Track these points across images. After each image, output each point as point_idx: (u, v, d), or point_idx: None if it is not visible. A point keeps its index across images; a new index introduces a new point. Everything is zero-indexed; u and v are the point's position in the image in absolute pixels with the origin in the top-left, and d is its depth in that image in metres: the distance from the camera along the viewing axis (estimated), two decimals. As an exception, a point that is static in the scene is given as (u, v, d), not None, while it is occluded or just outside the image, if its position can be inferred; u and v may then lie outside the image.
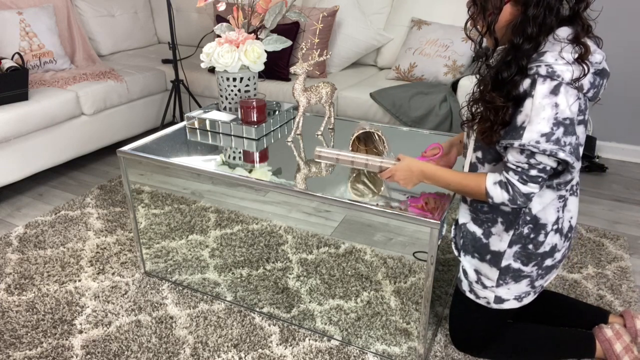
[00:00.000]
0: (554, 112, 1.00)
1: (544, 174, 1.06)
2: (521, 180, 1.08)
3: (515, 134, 1.04)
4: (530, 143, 1.01)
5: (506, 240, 1.20)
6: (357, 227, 1.34)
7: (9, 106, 2.21)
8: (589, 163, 2.58)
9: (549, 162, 1.05)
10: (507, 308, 1.28)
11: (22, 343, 1.50)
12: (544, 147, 1.01)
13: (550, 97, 1.00)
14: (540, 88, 1.00)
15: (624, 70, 2.63)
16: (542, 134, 1.00)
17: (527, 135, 1.02)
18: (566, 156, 1.01)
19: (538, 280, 1.26)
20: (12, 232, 2.07)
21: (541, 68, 1.00)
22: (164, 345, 1.49)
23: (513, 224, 1.18)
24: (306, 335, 1.52)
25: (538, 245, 1.19)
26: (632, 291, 1.70)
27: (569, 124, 1.00)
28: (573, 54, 1.00)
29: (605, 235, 2.03)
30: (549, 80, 1.00)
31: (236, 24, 1.77)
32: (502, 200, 1.11)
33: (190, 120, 1.79)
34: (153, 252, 1.74)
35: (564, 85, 0.99)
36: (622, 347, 1.31)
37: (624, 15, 2.54)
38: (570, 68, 1.00)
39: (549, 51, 1.02)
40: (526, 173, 1.07)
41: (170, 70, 2.98)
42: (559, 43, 1.02)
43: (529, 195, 1.09)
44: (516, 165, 1.07)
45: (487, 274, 1.25)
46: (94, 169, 2.69)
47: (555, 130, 1.00)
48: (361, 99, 2.47)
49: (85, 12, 3.17)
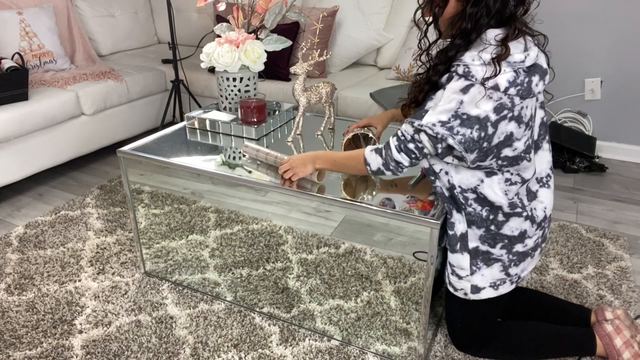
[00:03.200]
0: (457, 106, 1.08)
1: (418, 152, 1.17)
2: (398, 148, 1.19)
3: (418, 115, 1.14)
4: (427, 125, 1.10)
5: (462, 220, 1.23)
6: (357, 227, 1.34)
7: (9, 106, 2.21)
8: (589, 163, 2.58)
9: (428, 145, 1.14)
10: (485, 298, 1.28)
11: (22, 343, 1.50)
12: (437, 131, 1.09)
13: (458, 93, 1.08)
14: (453, 84, 1.09)
15: (624, 71, 2.63)
16: (440, 120, 1.09)
17: (427, 118, 1.11)
18: (455, 143, 1.09)
19: (512, 268, 1.26)
20: (12, 232, 2.07)
21: (460, 67, 1.09)
22: (164, 345, 1.49)
23: (459, 205, 1.22)
24: (306, 335, 1.52)
25: (500, 225, 1.22)
26: (632, 291, 1.70)
27: (466, 118, 1.07)
28: (493, 54, 1.07)
29: (605, 235, 2.03)
30: (463, 79, 1.08)
31: (236, 24, 1.77)
32: (377, 165, 1.23)
33: (190, 120, 1.79)
34: (153, 252, 1.74)
35: (476, 86, 1.07)
36: (622, 342, 1.32)
37: (624, 15, 2.54)
38: (484, 68, 1.06)
39: (469, 51, 1.10)
40: (405, 143, 1.17)
41: (170, 70, 2.98)
42: (483, 44, 1.09)
43: (399, 163, 1.20)
44: (402, 133, 1.18)
45: (459, 263, 1.26)
46: (94, 169, 2.69)
47: (452, 121, 1.08)
48: (361, 99, 2.47)
49: (85, 12, 3.17)
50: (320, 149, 1.61)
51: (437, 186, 1.23)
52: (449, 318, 1.42)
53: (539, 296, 1.52)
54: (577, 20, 2.65)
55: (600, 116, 2.76)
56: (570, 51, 2.70)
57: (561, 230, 2.06)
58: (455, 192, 1.20)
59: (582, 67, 2.72)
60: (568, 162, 2.59)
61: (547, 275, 1.78)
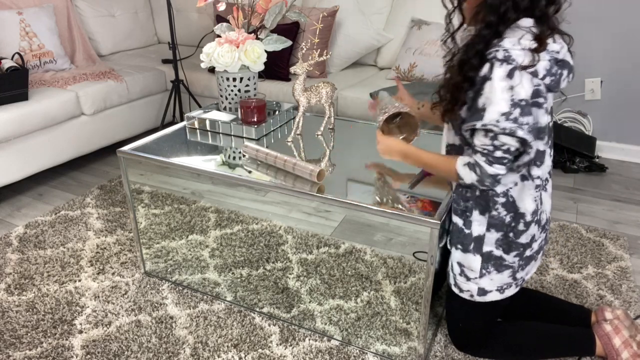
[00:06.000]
0: (510, 94, 1.04)
1: (508, 154, 1.10)
2: (487, 162, 1.12)
3: (477, 116, 1.09)
4: (491, 122, 1.06)
5: (484, 223, 1.22)
6: (357, 227, 1.34)
7: (9, 106, 2.21)
8: (589, 163, 2.58)
9: (512, 143, 1.08)
10: (490, 300, 1.29)
11: (22, 343, 1.50)
12: (504, 126, 1.05)
13: (506, 79, 1.04)
14: (498, 71, 1.05)
15: (624, 71, 2.63)
16: (502, 113, 1.05)
17: (487, 115, 1.06)
18: (524, 134, 1.05)
19: (519, 272, 1.27)
20: (12, 232, 2.07)
21: (499, 52, 1.05)
22: (164, 345, 1.49)
23: (487, 207, 1.21)
24: (306, 335, 1.52)
25: (518, 234, 1.22)
26: (632, 291, 1.70)
27: (524, 104, 1.05)
28: (532, 42, 1.06)
29: (605, 235, 2.03)
30: (505, 64, 1.05)
31: (236, 24, 1.77)
32: (471, 180, 1.16)
33: (190, 120, 1.79)
34: (153, 252, 1.74)
35: (518, 70, 1.05)
36: (620, 342, 1.32)
37: (624, 15, 2.54)
38: (525, 53, 1.05)
39: (508, 37, 1.07)
40: (492, 155, 1.11)
41: (170, 70, 2.98)
42: (520, 31, 1.07)
43: (495, 177, 1.13)
44: (482, 147, 1.12)
45: (470, 264, 1.26)
46: (94, 169, 2.69)
47: (513, 110, 1.04)
48: (361, 99, 2.46)
49: (85, 12, 3.17)
50: (320, 149, 1.61)
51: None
52: (450, 317, 1.42)
53: (539, 296, 1.52)
54: (577, 20, 2.64)
55: (600, 116, 2.76)
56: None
57: (561, 230, 2.06)
58: (487, 193, 1.19)
59: (582, 67, 2.71)
60: (568, 162, 2.59)
61: (547, 275, 1.78)
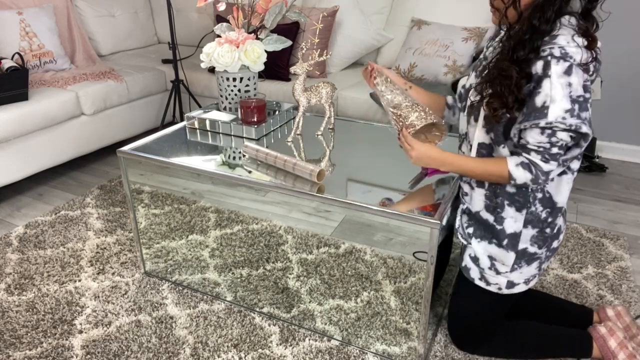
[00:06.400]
0: (569, 90, 1.05)
1: (562, 150, 1.11)
2: (543, 159, 1.12)
3: (540, 114, 1.07)
4: (558, 120, 1.05)
5: (520, 220, 1.22)
6: (357, 227, 1.34)
7: (9, 106, 2.21)
8: (589, 163, 2.58)
9: (567, 139, 1.09)
10: (517, 292, 1.30)
11: (22, 343, 1.50)
12: (570, 122, 1.05)
13: (564, 76, 1.05)
14: (555, 68, 1.05)
15: (624, 71, 2.63)
16: (566, 110, 1.05)
17: (552, 113, 1.06)
18: (587, 129, 1.06)
19: (545, 262, 1.30)
20: (12, 232, 2.07)
21: (555, 50, 1.05)
22: (164, 345, 1.49)
23: (524, 204, 1.22)
24: (306, 335, 1.52)
25: (554, 228, 1.24)
26: (632, 291, 1.70)
27: (582, 100, 1.06)
28: (584, 40, 1.07)
29: (605, 235, 2.03)
30: (562, 61, 1.05)
31: (236, 24, 1.77)
32: (524, 180, 1.15)
33: (190, 120, 1.79)
34: (153, 252, 1.74)
35: (575, 66, 1.05)
36: (616, 344, 1.32)
37: (625, 16, 2.54)
38: (580, 51, 1.05)
39: (562, 35, 1.07)
40: (548, 152, 1.11)
41: (170, 70, 2.98)
42: (571, 28, 1.08)
43: (549, 173, 1.13)
44: (537, 145, 1.11)
45: (502, 259, 1.26)
46: (94, 169, 2.69)
47: (575, 107, 1.05)
48: (361, 99, 2.46)
49: (85, 12, 3.17)
50: (321, 149, 1.61)
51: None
52: (458, 313, 1.41)
53: (541, 296, 1.52)
54: (577, 20, 2.64)
55: (600, 116, 2.76)
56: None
57: (561, 230, 2.06)
58: (528, 189, 1.20)
59: (582, 67, 2.72)
60: (568, 162, 2.59)
61: (547, 275, 1.78)
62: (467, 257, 1.32)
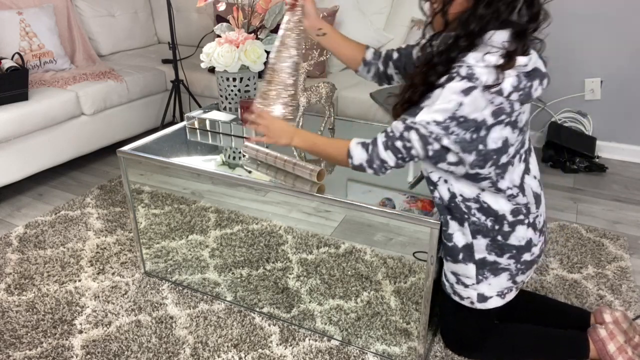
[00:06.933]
0: (456, 108, 1.02)
1: (405, 152, 1.10)
2: (384, 144, 1.12)
3: (412, 112, 1.08)
4: (421, 123, 1.05)
5: (467, 232, 1.21)
6: (357, 227, 1.34)
7: (9, 106, 2.21)
8: (589, 163, 2.58)
9: (417, 145, 1.08)
10: (492, 307, 1.28)
11: (22, 343, 1.50)
12: (431, 129, 1.04)
13: (459, 94, 1.02)
14: (454, 84, 1.03)
15: (624, 71, 2.63)
16: (435, 120, 1.04)
17: (421, 116, 1.06)
18: (450, 143, 1.05)
19: (519, 276, 1.26)
20: (12, 232, 2.07)
21: (462, 69, 1.03)
22: (164, 345, 1.49)
23: (463, 215, 1.19)
24: (306, 335, 1.52)
25: (506, 236, 1.20)
26: (632, 291, 1.70)
27: (463, 121, 1.03)
28: (499, 60, 1.02)
29: (605, 235, 2.03)
30: (465, 81, 1.02)
31: (236, 24, 1.77)
32: (360, 160, 1.16)
33: (190, 120, 1.79)
34: (153, 252, 1.74)
35: (478, 89, 1.02)
36: (615, 348, 1.31)
37: (624, 16, 2.54)
38: (489, 71, 1.02)
39: (474, 52, 1.04)
40: (393, 140, 1.11)
41: (170, 70, 2.98)
42: (488, 46, 1.04)
43: (383, 162, 1.14)
44: (391, 130, 1.12)
45: (464, 272, 1.25)
46: (94, 169, 2.69)
47: (448, 122, 1.03)
48: (361, 99, 2.46)
49: (85, 12, 3.17)
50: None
51: (436, 196, 1.20)
52: (446, 322, 1.41)
53: (538, 298, 1.52)
54: (577, 20, 2.65)
55: (600, 116, 2.76)
56: (570, 51, 2.70)
57: (561, 230, 2.06)
58: (457, 201, 1.18)
59: (582, 67, 2.72)
60: (568, 162, 2.59)
61: (547, 275, 1.78)
62: (443, 272, 1.32)
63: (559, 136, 2.66)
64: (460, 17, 1.05)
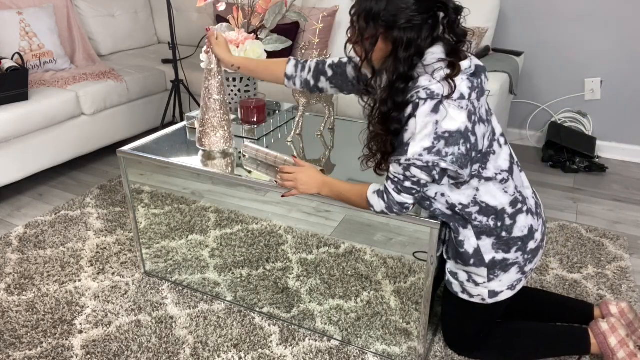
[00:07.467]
0: (435, 127, 1.05)
1: (417, 186, 1.13)
2: (396, 190, 1.15)
3: (402, 150, 1.10)
4: (415, 156, 1.07)
5: (471, 234, 1.22)
6: (357, 227, 1.34)
7: (9, 106, 2.21)
8: (589, 163, 2.58)
9: (423, 176, 1.11)
10: (503, 299, 1.29)
11: (22, 343, 1.50)
12: (426, 159, 1.07)
13: (431, 115, 1.06)
14: (422, 109, 1.06)
15: (624, 71, 2.63)
16: (425, 147, 1.06)
17: (411, 150, 1.08)
18: (447, 165, 1.07)
19: (527, 265, 1.27)
20: (12, 232, 2.07)
21: (420, 92, 1.06)
22: (164, 345, 1.49)
23: (466, 220, 1.21)
24: (306, 335, 1.52)
25: (510, 229, 1.21)
26: (632, 291, 1.70)
27: (448, 136, 1.06)
28: (445, 72, 1.07)
29: (605, 235, 2.03)
30: (430, 101, 1.06)
31: (236, 24, 1.77)
32: (380, 208, 1.19)
33: (190, 120, 1.79)
34: (153, 252, 1.74)
35: (444, 103, 1.06)
36: (617, 341, 1.31)
37: (624, 15, 2.54)
38: (443, 84, 1.06)
39: (422, 75, 1.08)
40: (401, 184, 1.14)
41: (170, 70, 2.98)
42: (431, 66, 1.08)
43: (403, 205, 1.17)
44: (394, 175, 1.14)
45: (476, 273, 1.26)
46: (94, 169, 2.69)
47: (437, 144, 1.06)
48: (361, 99, 2.46)
49: (85, 12, 3.17)
50: (320, 149, 1.61)
51: (436, 209, 1.21)
52: (450, 322, 1.41)
53: (539, 294, 1.52)
54: (577, 20, 2.65)
55: (600, 116, 2.76)
56: (570, 51, 2.70)
57: (561, 230, 2.06)
58: (457, 210, 1.19)
59: (582, 67, 2.72)
60: (568, 162, 2.59)
61: (547, 275, 1.78)
62: (447, 272, 1.32)
63: (559, 136, 2.66)
64: (386, 67, 1.09)
